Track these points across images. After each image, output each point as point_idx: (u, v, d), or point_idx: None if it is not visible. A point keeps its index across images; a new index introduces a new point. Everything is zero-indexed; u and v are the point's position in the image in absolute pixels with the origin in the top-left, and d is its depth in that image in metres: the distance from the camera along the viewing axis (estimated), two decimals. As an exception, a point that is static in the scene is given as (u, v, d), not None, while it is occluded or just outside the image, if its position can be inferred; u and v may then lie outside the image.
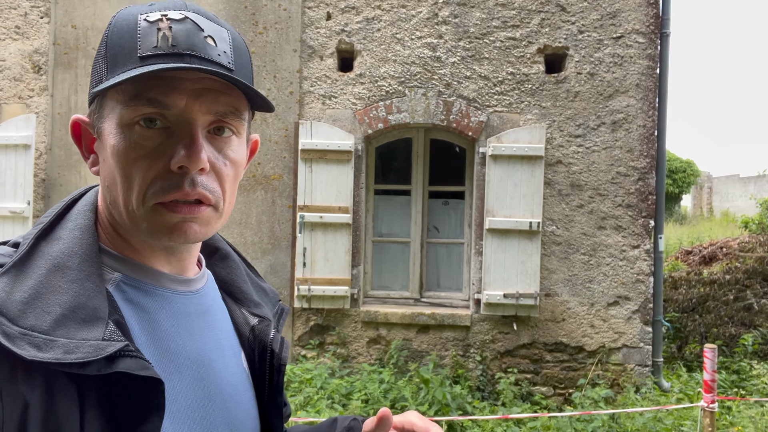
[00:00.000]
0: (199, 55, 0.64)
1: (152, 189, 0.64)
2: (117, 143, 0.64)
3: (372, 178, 5.15)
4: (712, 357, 3.01)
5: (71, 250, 0.64)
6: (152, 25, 0.64)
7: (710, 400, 3.02)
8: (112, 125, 0.65)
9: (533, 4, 4.78)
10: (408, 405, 4.15)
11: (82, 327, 0.58)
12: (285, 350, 0.82)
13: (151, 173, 0.64)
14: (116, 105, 0.64)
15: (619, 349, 4.75)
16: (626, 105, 4.71)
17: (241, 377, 0.78)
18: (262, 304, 0.86)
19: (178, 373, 0.68)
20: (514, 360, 4.83)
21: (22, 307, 0.58)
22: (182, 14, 0.65)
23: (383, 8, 4.87)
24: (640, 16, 4.70)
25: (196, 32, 0.65)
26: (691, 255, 10.07)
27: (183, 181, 0.64)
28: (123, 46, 0.64)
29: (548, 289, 4.79)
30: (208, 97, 0.65)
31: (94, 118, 0.68)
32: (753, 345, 5.54)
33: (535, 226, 4.70)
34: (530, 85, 4.79)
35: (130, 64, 0.63)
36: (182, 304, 0.73)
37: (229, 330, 0.80)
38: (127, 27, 0.64)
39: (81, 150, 0.72)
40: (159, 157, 0.64)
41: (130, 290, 0.68)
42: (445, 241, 5.17)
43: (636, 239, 4.73)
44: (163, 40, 0.63)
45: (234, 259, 0.89)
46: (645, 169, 4.71)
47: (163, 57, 0.63)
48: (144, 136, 0.64)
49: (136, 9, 0.66)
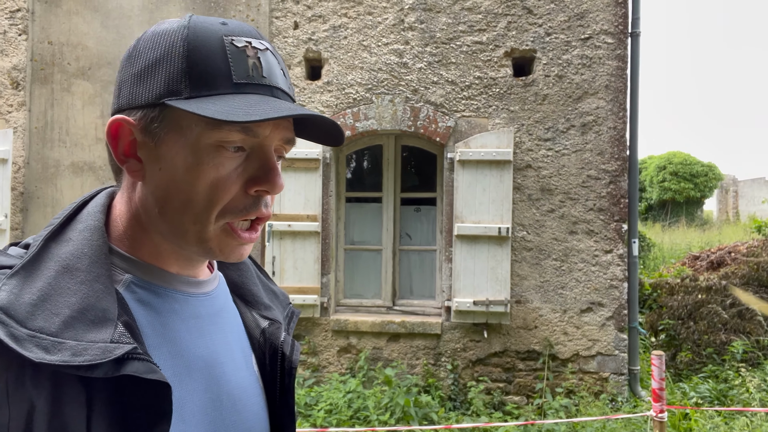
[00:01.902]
0: (282, 88, 0.68)
1: (230, 209, 0.66)
2: (195, 161, 0.65)
3: (343, 186, 5.14)
4: (659, 364, 2.90)
5: (81, 252, 0.64)
6: (240, 51, 0.65)
7: (659, 410, 2.90)
8: (187, 141, 0.65)
9: (499, 8, 4.73)
10: (369, 414, 4.10)
11: (90, 329, 0.59)
12: (296, 353, 0.83)
13: (229, 194, 0.66)
14: (198, 122, 0.64)
15: (593, 357, 4.62)
16: (596, 107, 4.62)
17: (252, 380, 0.78)
18: (272, 307, 0.87)
19: (188, 375, 0.68)
20: (486, 368, 4.73)
21: (30, 309, 0.58)
22: (263, 44, 0.68)
23: (350, 16, 4.88)
24: (609, 17, 4.61)
25: (275, 64, 0.69)
26: (698, 260, 9.80)
27: (260, 203, 0.68)
28: (212, 67, 0.64)
29: (519, 296, 4.69)
30: (282, 126, 0.69)
31: (152, 125, 0.66)
32: (743, 353, 5.33)
33: (505, 232, 4.62)
34: (498, 89, 4.74)
35: (224, 87, 0.64)
36: (193, 306, 0.73)
37: (240, 333, 0.80)
38: (213, 46, 0.65)
39: (115, 151, 0.69)
40: (237, 180, 0.66)
41: (140, 291, 0.68)
42: (418, 248, 5.12)
43: (608, 244, 4.61)
44: (254, 69, 0.66)
45: (245, 262, 0.90)
46: (616, 172, 4.60)
47: (256, 87, 0.65)
48: (226, 158, 0.65)
49: (212, 26, 0.66)
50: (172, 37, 0.65)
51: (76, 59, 5.03)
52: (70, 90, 5.03)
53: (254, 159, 0.67)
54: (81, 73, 5.03)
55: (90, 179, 5.01)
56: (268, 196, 0.69)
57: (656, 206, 24.98)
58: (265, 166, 0.67)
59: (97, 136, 5.01)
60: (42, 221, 5.01)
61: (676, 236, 15.02)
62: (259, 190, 0.66)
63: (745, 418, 4.20)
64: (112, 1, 5.02)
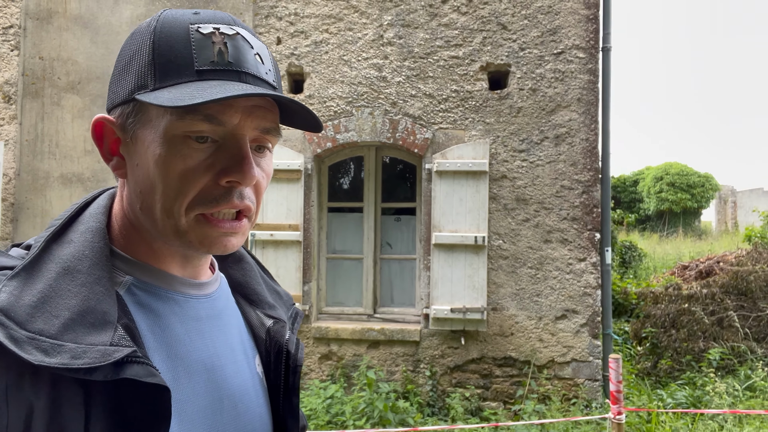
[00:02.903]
0: (252, 74, 0.65)
1: (199, 200, 0.65)
2: (163, 153, 0.64)
3: (325, 196, 5.27)
4: (616, 368, 3.00)
5: (82, 254, 0.64)
6: (206, 37, 0.64)
7: (616, 412, 2.99)
8: (157, 134, 0.64)
9: (475, 24, 4.89)
10: (346, 420, 4.19)
11: (90, 331, 0.58)
12: (301, 351, 0.83)
13: (198, 186, 0.64)
14: (165, 114, 0.63)
15: (568, 364, 4.71)
16: (568, 119, 4.75)
17: (254, 381, 0.78)
18: (276, 306, 0.87)
19: (188, 377, 0.68)
20: (464, 375, 4.83)
21: (30, 311, 0.57)
22: (233, 29, 0.66)
23: (331, 32, 5.04)
24: (580, 32, 4.75)
25: (248, 49, 0.66)
26: (687, 270, 9.89)
27: (232, 194, 0.65)
28: (176, 56, 0.63)
29: (496, 303, 4.80)
30: (257, 114, 0.66)
31: (127, 121, 0.66)
32: (719, 360, 5.41)
33: (481, 241, 4.74)
34: (474, 102, 4.87)
35: (186, 76, 0.63)
36: (193, 308, 0.72)
37: (242, 333, 0.80)
38: (177, 36, 0.64)
39: (101, 151, 0.70)
40: (207, 170, 0.65)
41: (141, 294, 0.68)
42: (398, 256, 5.24)
43: (582, 252, 4.72)
44: (219, 55, 0.64)
45: (248, 261, 0.90)
46: (589, 182, 4.72)
47: (220, 73, 0.63)
48: (193, 149, 0.64)
49: (182, 16, 0.66)
50: (143, 32, 0.66)
51: (66, 74, 5.20)
52: (60, 104, 5.19)
53: (225, 149, 0.65)
54: (71, 87, 5.19)
55: (78, 190, 5.15)
56: (244, 188, 0.67)
57: (654, 217, 25.08)
58: (236, 156, 0.65)
59: (86, 149, 5.16)
60: (31, 231, 5.15)
61: (668, 246, 15.09)
62: (231, 180, 0.65)
63: (715, 423, 4.28)
64: (101, 18, 5.19)
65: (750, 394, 4.71)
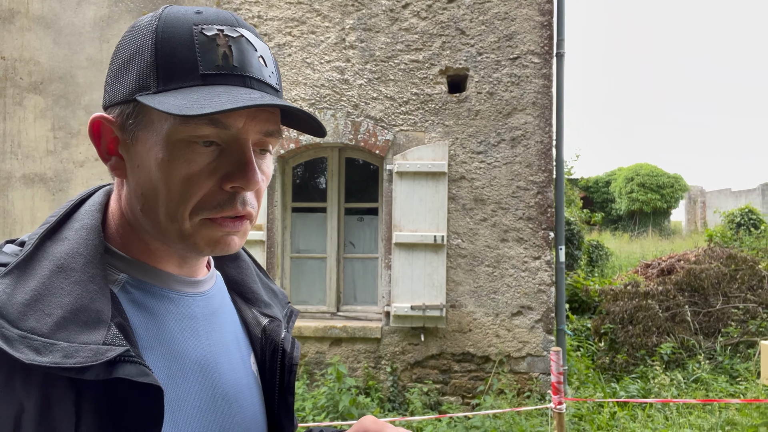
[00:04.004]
0: (257, 78, 0.65)
1: (203, 205, 0.64)
2: (166, 156, 0.63)
3: (289, 197, 5.35)
4: (556, 360, 3.15)
5: (76, 251, 0.63)
6: (210, 40, 0.63)
7: (557, 402, 3.14)
8: (160, 137, 0.63)
9: (434, 29, 5.02)
10: (306, 415, 4.29)
11: (83, 330, 0.57)
12: (296, 350, 0.83)
13: (202, 190, 0.64)
14: (168, 117, 0.62)
15: (523, 358, 4.87)
16: (524, 122, 4.91)
17: (248, 380, 0.77)
18: (272, 304, 0.86)
19: (182, 376, 0.67)
20: (424, 371, 4.95)
21: (22, 309, 0.57)
22: (237, 31, 0.65)
23: (294, 35, 5.13)
24: (535, 38, 4.92)
25: (252, 52, 0.65)
26: (650, 268, 10.17)
27: (236, 200, 0.65)
28: (180, 58, 0.62)
29: (455, 301, 4.94)
30: (261, 118, 0.65)
31: (127, 122, 0.65)
32: (670, 354, 5.64)
33: (440, 240, 4.87)
34: (434, 105, 5.01)
35: (191, 80, 0.62)
36: (188, 306, 0.72)
37: (237, 332, 0.79)
38: (181, 37, 0.63)
39: (99, 150, 0.69)
40: (211, 175, 0.64)
41: (135, 292, 0.67)
42: (361, 256, 5.35)
43: (537, 250, 4.89)
44: (224, 59, 0.63)
45: (245, 259, 0.89)
46: (543, 183, 4.89)
47: (225, 77, 0.63)
48: (197, 153, 0.63)
49: (184, 15, 0.65)
50: (144, 30, 0.64)
51: (28, 74, 5.19)
52: (23, 104, 5.18)
53: (229, 154, 0.64)
54: (33, 87, 5.19)
55: (41, 191, 5.15)
56: (249, 194, 0.67)
57: (625, 216, 25.61)
58: (240, 161, 0.64)
59: (48, 149, 5.16)
60: (-7, 231, 5.13)
61: (636, 246, 15.48)
62: (234, 186, 0.64)
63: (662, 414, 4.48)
64: (63, 19, 5.20)
65: (695, 386, 4.94)
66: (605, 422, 4.08)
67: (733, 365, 5.25)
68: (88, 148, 5.14)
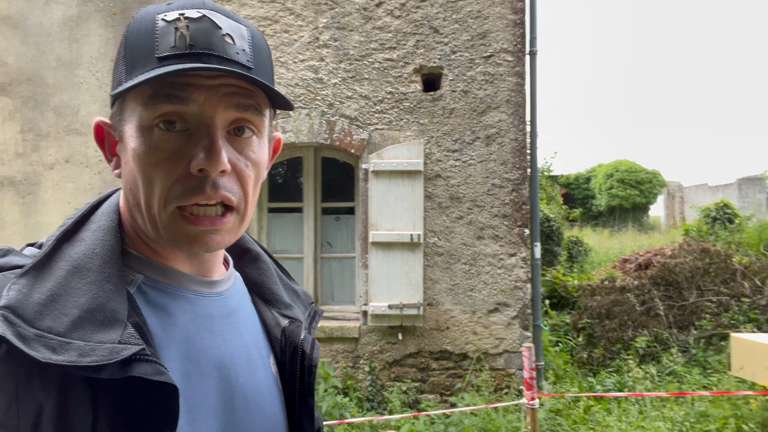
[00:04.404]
0: (216, 54, 0.63)
1: (173, 192, 0.64)
2: (137, 146, 0.64)
3: (265, 197, 5.32)
4: (528, 356, 3.17)
5: (92, 252, 0.64)
6: (170, 24, 0.63)
7: (530, 397, 3.16)
8: (133, 128, 0.64)
9: (408, 27, 5.02)
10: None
11: (99, 329, 0.58)
12: (316, 351, 0.82)
13: (171, 177, 0.63)
14: (136, 107, 0.63)
15: (500, 355, 4.90)
16: (498, 120, 4.94)
17: (268, 381, 0.77)
18: (293, 305, 0.86)
19: (199, 376, 0.67)
20: (402, 369, 4.96)
21: (39, 309, 0.57)
22: (200, 12, 0.65)
23: (267, 33, 5.09)
24: (508, 36, 4.95)
25: (213, 30, 0.64)
26: (628, 263, 10.30)
27: (204, 184, 0.63)
28: (141, 47, 0.63)
29: (432, 299, 4.95)
30: (225, 91, 0.64)
31: (115, 120, 0.67)
32: (646, 348, 5.72)
33: (417, 238, 4.87)
34: (408, 104, 5.01)
35: (149, 65, 0.62)
36: (205, 306, 0.72)
37: (257, 332, 0.79)
38: (145, 27, 0.64)
39: (104, 153, 0.71)
40: (179, 160, 0.63)
41: (151, 292, 0.68)
42: (338, 255, 5.33)
43: (512, 248, 4.92)
44: (180, 39, 0.63)
45: (265, 260, 0.89)
46: (518, 180, 4.92)
47: (181, 57, 0.62)
48: (164, 139, 0.63)
49: (155, 8, 0.66)
50: (124, 32, 0.67)
51: (-5, 75, 5.09)
52: (-10, 105, 5.07)
53: (195, 136, 0.64)
54: (1, 89, 5.08)
55: (10, 194, 5.05)
56: (222, 178, 0.65)
57: (605, 212, 25.93)
58: (203, 141, 0.63)
59: (17, 151, 5.06)
60: (-40, 236, 5.02)
61: (615, 241, 15.67)
62: (200, 168, 0.63)
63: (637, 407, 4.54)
64: (32, 19, 5.10)
65: (669, 379, 5.01)
66: (581, 417, 4.12)
67: (706, 357, 5.33)
68: (57, 150, 5.05)
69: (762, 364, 3.82)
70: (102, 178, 5.04)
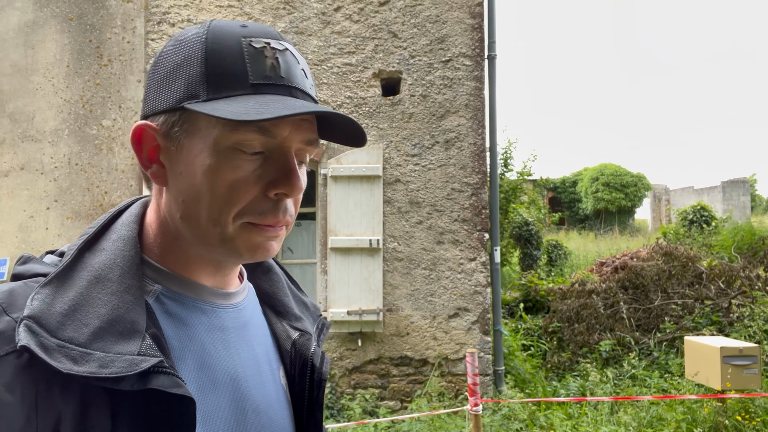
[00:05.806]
0: (301, 88, 0.67)
1: (247, 211, 0.66)
2: (213, 163, 0.65)
3: (225, 203, 5.27)
4: (472, 362, 3.15)
5: (113, 262, 0.65)
6: (258, 51, 0.65)
7: (473, 404, 3.14)
8: (206, 143, 0.65)
9: (367, 32, 5.01)
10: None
11: (118, 340, 0.59)
12: (326, 365, 0.82)
13: (247, 197, 0.65)
14: (216, 125, 0.64)
15: (461, 360, 4.87)
16: (457, 124, 4.93)
17: (278, 393, 0.77)
18: (303, 318, 0.86)
19: (213, 388, 0.68)
20: (362, 376, 4.92)
21: (61, 319, 0.58)
22: (282, 45, 0.68)
23: (225, 39, 5.06)
24: (467, 41, 4.94)
25: (295, 64, 0.68)
26: (604, 266, 10.32)
27: (279, 208, 0.67)
28: (230, 68, 0.64)
29: (392, 304, 4.91)
30: (304, 127, 0.67)
31: (172, 129, 0.67)
32: (610, 351, 5.71)
33: (376, 243, 4.85)
34: (368, 108, 4.99)
35: (241, 89, 0.64)
36: (220, 317, 0.73)
37: (267, 344, 0.80)
38: (230, 48, 0.65)
39: (140, 157, 0.70)
40: (257, 182, 0.65)
41: (169, 302, 0.69)
42: (298, 261, 5.29)
43: (472, 252, 4.90)
44: (272, 69, 0.65)
45: (277, 272, 0.90)
46: (477, 185, 4.91)
47: (274, 87, 0.65)
48: (243, 160, 0.65)
49: (232, 28, 0.67)
50: (192, 41, 0.66)
51: (-51, 81, 5.02)
52: (-57, 112, 5.00)
53: (273, 161, 0.66)
54: (-45, 95, 5.01)
55: (-36, 201, 4.97)
56: (289, 201, 0.68)
57: (591, 216, 26.03)
58: (284, 168, 0.66)
59: (-29, 158, 4.99)
60: None
61: (602, 244, 15.73)
62: (279, 192, 0.66)
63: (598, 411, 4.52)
64: (-14, 24, 5.04)
65: (629, 383, 5.00)
66: (529, 422, 4.09)
67: (667, 361, 5.33)
68: (12, 158, 4.98)
69: (713, 367, 3.82)
70: (57, 186, 4.98)
